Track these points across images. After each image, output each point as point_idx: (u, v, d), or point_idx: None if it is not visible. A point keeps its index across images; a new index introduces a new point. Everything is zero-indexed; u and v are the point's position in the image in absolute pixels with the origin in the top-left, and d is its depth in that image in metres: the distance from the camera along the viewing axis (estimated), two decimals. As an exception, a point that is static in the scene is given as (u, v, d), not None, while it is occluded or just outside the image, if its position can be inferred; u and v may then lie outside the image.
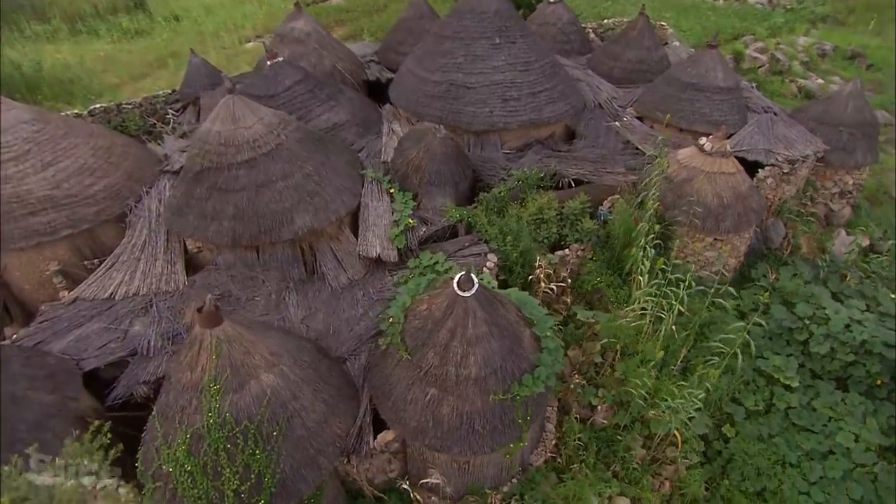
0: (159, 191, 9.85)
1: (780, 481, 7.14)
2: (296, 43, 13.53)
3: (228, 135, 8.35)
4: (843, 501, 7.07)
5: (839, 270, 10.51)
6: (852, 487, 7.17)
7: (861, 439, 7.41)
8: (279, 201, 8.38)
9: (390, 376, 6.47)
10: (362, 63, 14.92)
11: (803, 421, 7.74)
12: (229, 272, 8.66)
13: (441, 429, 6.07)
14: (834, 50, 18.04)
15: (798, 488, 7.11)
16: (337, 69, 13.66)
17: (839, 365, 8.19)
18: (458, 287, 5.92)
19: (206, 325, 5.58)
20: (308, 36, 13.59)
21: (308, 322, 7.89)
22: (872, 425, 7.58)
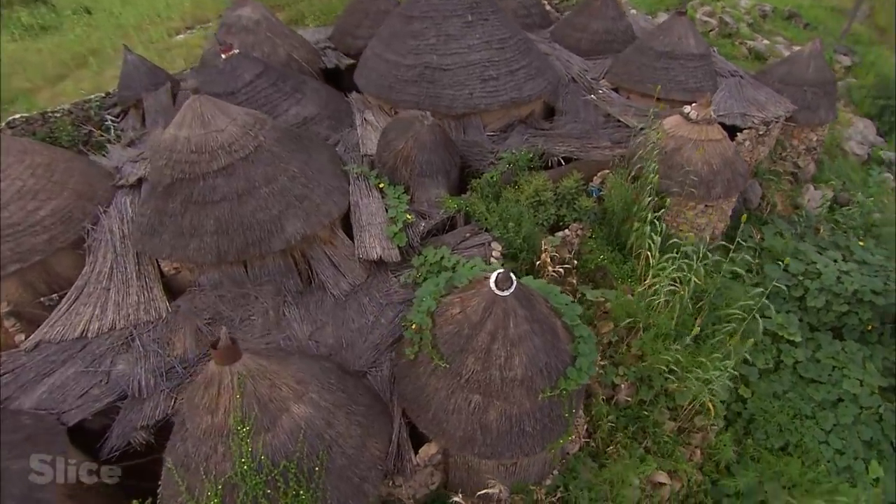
0: (119, 209, 8.77)
1: (800, 434, 7.45)
2: (245, 32, 12.39)
3: (199, 140, 7.46)
4: (856, 444, 7.47)
5: (812, 225, 11.04)
6: (862, 430, 7.60)
7: (865, 384, 7.86)
8: (265, 209, 7.63)
9: (425, 387, 6.08)
10: (317, 50, 13.95)
11: (811, 373, 8.09)
12: (216, 292, 7.86)
13: (490, 435, 5.77)
14: (773, 11, 18.82)
15: (817, 438, 7.45)
16: (293, 58, 12.68)
17: (834, 316, 8.61)
18: (495, 286, 5.58)
19: (225, 362, 4.95)
20: (257, 24, 12.48)
21: (317, 337, 7.30)
22: (872, 369, 8.05)
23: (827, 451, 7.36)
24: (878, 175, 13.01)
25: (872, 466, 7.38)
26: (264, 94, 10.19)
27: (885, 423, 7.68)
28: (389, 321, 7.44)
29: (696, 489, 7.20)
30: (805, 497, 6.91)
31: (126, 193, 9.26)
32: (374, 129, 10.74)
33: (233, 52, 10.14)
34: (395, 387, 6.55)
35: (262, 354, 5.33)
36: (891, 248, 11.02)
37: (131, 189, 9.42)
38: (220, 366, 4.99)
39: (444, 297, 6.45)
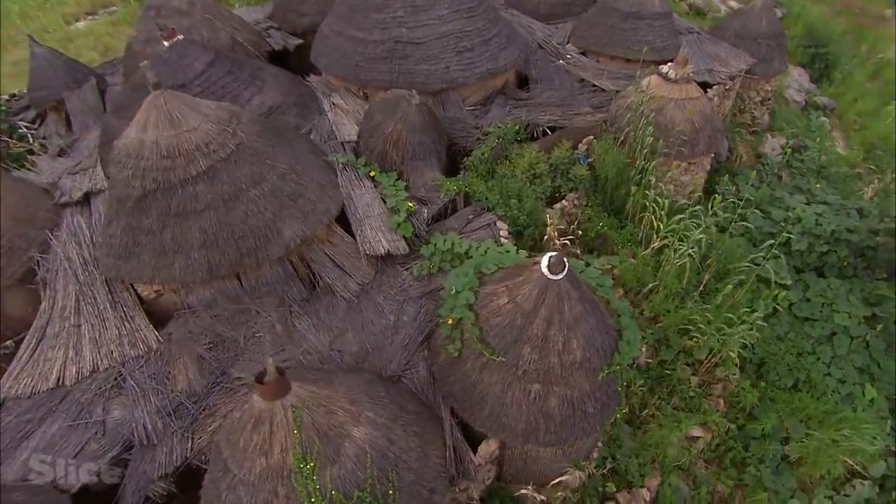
0: (73, 231, 7.55)
1: (806, 370, 7.96)
2: (178, 15, 10.93)
3: (170, 143, 6.47)
4: (852, 372, 8.11)
5: (775, 172, 11.70)
6: (855, 358, 8.26)
7: (852, 315, 8.50)
8: (258, 213, 6.83)
9: (477, 383, 5.78)
10: (259, 32, 12.66)
11: (804, 312, 8.65)
12: (211, 312, 7.02)
13: (553, 423, 5.61)
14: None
15: (821, 371, 8.00)
16: (238, 42, 11.41)
17: (816, 256, 9.21)
18: (549, 271, 5.32)
19: (274, 397, 4.36)
20: (191, 5, 11.04)
21: (338, 346, 6.74)
22: (855, 301, 8.73)
23: (830, 382, 7.95)
24: (817, 120, 14.00)
25: (868, 390, 8.07)
26: (220, 84, 9.07)
27: (872, 349, 8.40)
28: (412, 318, 7.01)
29: (726, 437, 7.53)
30: (821, 428, 7.44)
31: (76, 212, 8.02)
32: (346, 114, 9.97)
33: (177, 37, 8.87)
34: (438, 387, 6.19)
35: (309, 379, 4.77)
36: (840, 188, 11.97)
37: (79, 206, 8.17)
38: (268, 401, 4.40)
39: (479, 287, 6.12)
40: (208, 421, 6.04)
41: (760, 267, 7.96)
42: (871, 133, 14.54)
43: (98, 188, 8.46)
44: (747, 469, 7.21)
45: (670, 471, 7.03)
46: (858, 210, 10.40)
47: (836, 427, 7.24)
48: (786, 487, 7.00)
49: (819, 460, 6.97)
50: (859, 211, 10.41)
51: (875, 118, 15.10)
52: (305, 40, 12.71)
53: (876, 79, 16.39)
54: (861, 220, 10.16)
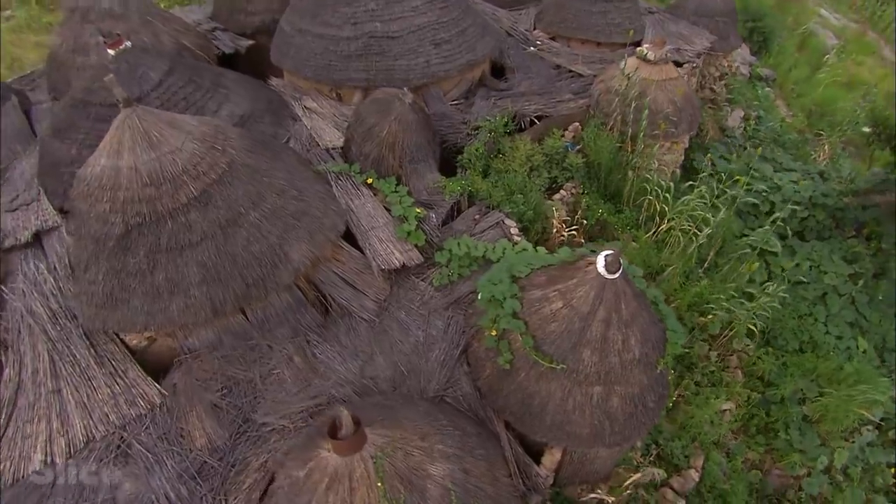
0: (31, 280, 6.43)
1: (808, 332, 8.39)
2: (111, 19, 9.60)
3: (152, 168, 5.60)
4: (845, 328, 8.65)
5: (741, 144, 12.25)
6: (846, 314, 8.82)
7: (838, 274, 9.04)
8: (261, 238, 6.12)
9: (536, 394, 5.51)
10: (204, 34, 11.49)
11: (796, 276, 9.08)
12: (217, 354, 6.25)
13: (617, 423, 5.46)
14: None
15: (820, 331, 8.44)
16: (184, 47, 10.26)
17: (797, 222, 9.70)
18: (606, 270, 5.11)
19: (353, 450, 3.86)
20: (126, 6, 9.75)
21: (370, 373, 6.21)
22: (837, 260, 9.30)
23: (830, 340, 8.43)
24: (762, 90, 14.82)
25: (860, 342, 8.65)
26: (182, 95, 8.05)
27: (857, 304, 9.00)
28: (442, 332, 6.60)
29: (749, 406, 7.77)
30: (831, 384, 7.86)
31: (29, 257, 6.86)
32: (323, 118, 9.26)
33: (124, 45, 7.76)
34: (488, 402, 5.87)
35: (379, 422, 4.28)
36: (795, 154, 12.74)
37: (31, 249, 7.01)
38: (346, 456, 3.89)
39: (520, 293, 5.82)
40: (241, 478, 5.36)
41: (752, 239, 8.24)
42: (807, 100, 15.64)
43: (50, 225, 7.32)
44: (777, 434, 7.48)
45: (709, 447, 7.15)
46: (820, 174, 11.10)
47: (846, 382, 7.66)
48: (812, 446, 7.33)
49: (838, 416, 7.35)
50: (821, 174, 11.10)
51: (808, 85, 16.25)
52: (257, 41, 11.72)
53: (803, 49, 17.66)
54: (824, 182, 10.85)
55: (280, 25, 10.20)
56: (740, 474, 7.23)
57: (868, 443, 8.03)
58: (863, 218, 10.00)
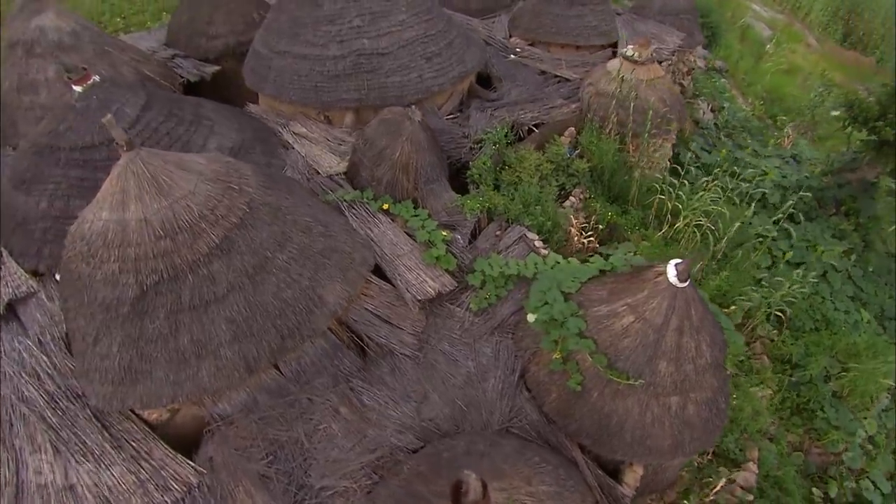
0: (16, 359, 5.50)
1: (820, 311, 8.69)
2: (61, 51, 8.62)
3: (165, 217, 4.91)
4: (848, 302, 9.05)
5: (715, 135, 12.73)
6: (846, 289, 9.24)
7: (834, 252, 9.48)
8: (292, 282, 5.53)
9: (612, 413, 5.27)
10: (164, 62, 10.59)
11: (796, 258, 9.44)
12: (253, 417, 5.57)
13: (695, 430, 5.32)
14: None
15: (829, 308, 8.78)
16: (148, 76, 9.37)
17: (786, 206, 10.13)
18: (678, 279, 4.97)
19: (481, 513, 3.44)
20: (76, 36, 8.78)
21: (428, 414, 5.74)
22: (830, 238, 9.76)
23: (839, 316, 8.78)
24: (720, 82, 15.56)
25: (863, 314, 9.07)
26: (164, 130, 7.25)
27: (854, 278, 9.47)
28: (492, 359, 6.24)
29: (781, 390, 7.93)
30: (851, 359, 8.17)
31: (6, 333, 5.88)
32: (316, 144, 8.70)
33: (92, 79, 6.88)
34: (559, 427, 5.57)
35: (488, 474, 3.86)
36: (763, 140, 13.41)
37: (4, 323, 6.02)
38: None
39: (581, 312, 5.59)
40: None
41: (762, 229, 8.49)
42: (758, 88, 16.59)
43: (24, 292, 6.34)
44: (813, 413, 7.65)
45: (756, 437, 7.19)
46: (794, 157, 11.68)
47: (865, 355, 7.97)
48: (847, 421, 7.55)
49: (867, 389, 7.62)
50: (794, 157, 11.69)
51: (755, 74, 17.27)
52: (223, 66, 10.94)
53: (744, 41, 18.78)
54: (798, 165, 11.43)
55: (254, 48, 9.53)
56: (787, 458, 7.33)
57: (883, 409, 8.41)
58: (840, 196, 10.58)
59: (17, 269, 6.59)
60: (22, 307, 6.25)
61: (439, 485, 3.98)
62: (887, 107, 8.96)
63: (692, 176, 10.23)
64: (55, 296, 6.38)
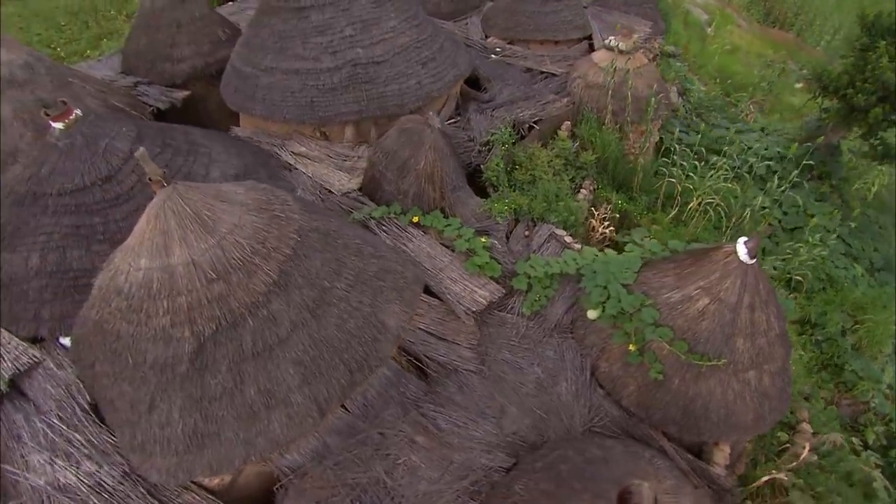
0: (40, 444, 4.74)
1: (824, 272, 9.18)
2: (14, 88, 7.64)
3: (215, 257, 4.38)
4: (842, 259, 9.63)
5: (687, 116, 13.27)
6: (839, 247, 9.84)
7: (822, 213, 10.07)
8: (354, 311, 5.11)
9: (696, 397, 5.27)
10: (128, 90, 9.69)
11: (790, 224, 9.97)
12: (327, 463, 5.10)
13: (773, 400, 5.43)
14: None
15: (830, 266, 9.30)
16: (116, 107, 8.52)
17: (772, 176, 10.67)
18: (749, 256, 5.03)
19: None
20: (31, 70, 7.83)
21: (511, 429, 5.49)
22: (814, 202, 10.36)
23: (840, 273, 9.33)
24: (676, 66, 16.28)
25: (857, 269, 9.69)
26: (162, 163, 6.51)
27: (842, 235, 10.09)
28: (557, 361, 6.09)
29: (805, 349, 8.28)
30: (860, 312, 8.68)
31: (15, 413, 5.07)
32: (319, 161, 8.23)
33: (74, 114, 6.10)
34: (643, 419, 5.50)
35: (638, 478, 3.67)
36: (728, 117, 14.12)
37: (11, 403, 5.21)
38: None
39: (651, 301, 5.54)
40: None
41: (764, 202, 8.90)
42: (709, 69, 17.52)
43: (26, 363, 5.51)
44: (839, 368, 8.04)
45: (798, 398, 7.46)
46: (762, 129, 12.36)
47: (873, 307, 8.49)
48: (872, 369, 8.00)
49: (883, 338, 8.10)
50: (763, 130, 12.37)
51: (704, 56, 18.22)
52: (192, 90, 10.17)
53: (687, 26, 19.80)
54: (768, 137, 12.10)
55: (233, 67, 8.89)
56: (824, 413, 7.65)
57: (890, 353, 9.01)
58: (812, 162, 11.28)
59: (12, 338, 5.72)
60: (27, 381, 5.43)
61: (583, 500, 3.75)
62: (854, 76, 9.64)
63: (685, 157, 10.56)
64: (65, 363, 5.60)
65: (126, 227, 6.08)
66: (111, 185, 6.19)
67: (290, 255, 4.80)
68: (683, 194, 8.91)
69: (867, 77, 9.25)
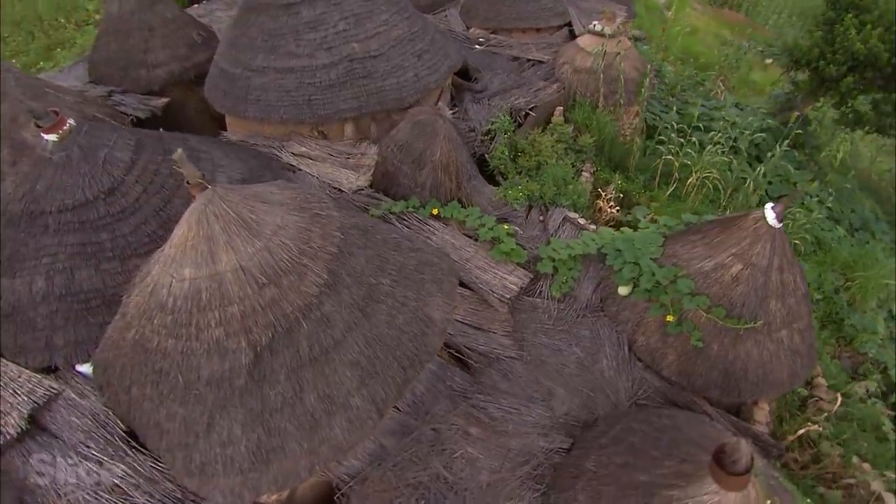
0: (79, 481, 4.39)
1: (812, 234, 9.64)
2: (-15, 102, 7.04)
3: (264, 261, 4.17)
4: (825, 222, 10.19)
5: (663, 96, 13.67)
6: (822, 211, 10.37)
7: (803, 181, 10.61)
8: (401, 306, 4.98)
9: (735, 360, 5.48)
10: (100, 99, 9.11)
11: (775, 192, 10.43)
12: (385, 467, 4.97)
13: (803, 357, 5.71)
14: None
15: (817, 229, 9.80)
16: (96, 118, 7.99)
17: (753, 146, 11.15)
18: (777, 220, 5.23)
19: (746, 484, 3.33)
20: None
21: (560, 410, 5.51)
22: (795, 170, 10.89)
23: (826, 234, 9.85)
24: (644, 48, 16.75)
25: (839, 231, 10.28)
26: (166, 171, 6.16)
27: (822, 199, 10.66)
28: (593, 339, 6.16)
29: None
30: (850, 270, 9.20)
31: (40, 447, 4.70)
32: (321, 161, 8.00)
33: (67, 124, 5.66)
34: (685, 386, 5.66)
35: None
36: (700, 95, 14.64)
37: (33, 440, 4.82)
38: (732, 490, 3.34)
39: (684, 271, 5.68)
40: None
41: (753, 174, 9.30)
42: (675, 50, 18.13)
43: (43, 396, 5.10)
44: (842, 324, 8.50)
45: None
46: (736, 105, 12.90)
47: (861, 264, 9.02)
48: (868, 322, 8.50)
49: (875, 292, 8.62)
50: (737, 105, 12.91)
51: (666, 39, 18.82)
52: (171, 97, 9.67)
53: (648, 10, 20.41)
54: (742, 111, 12.63)
55: (219, 69, 8.50)
56: (832, 366, 8.08)
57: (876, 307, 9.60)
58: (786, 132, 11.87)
59: (21, 371, 5.28)
60: (48, 416, 5.01)
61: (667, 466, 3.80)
62: (824, 49, 10.18)
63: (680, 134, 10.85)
64: (87, 391, 5.21)
65: (136, 242, 5.80)
66: (115, 198, 5.79)
67: (336, 254, 4.63)
68: (681, 170, 9.16)
69: (837, 49, 9.80)
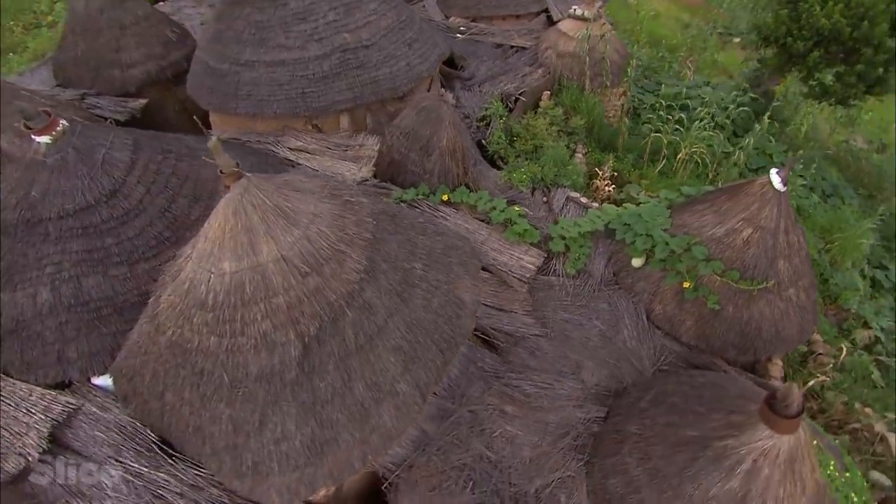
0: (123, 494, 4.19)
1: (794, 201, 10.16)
2: (-45, 108, 6.53)
3: (304, 250, 4.09)
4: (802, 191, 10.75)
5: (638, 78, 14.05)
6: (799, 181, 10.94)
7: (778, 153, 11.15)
8: (434, 290, 4.96)
9: (749, 320, 5.77)
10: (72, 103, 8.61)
11: (755, 165, 10.93)
12: (429, 452, 4.98)
13: (808, 313, 6.09)
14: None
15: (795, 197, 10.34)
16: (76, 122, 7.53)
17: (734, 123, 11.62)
18: (782, 184, 5.50)
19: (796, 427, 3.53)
20: (-30, 85, 6.71)
21: (592, 382, 5.63)
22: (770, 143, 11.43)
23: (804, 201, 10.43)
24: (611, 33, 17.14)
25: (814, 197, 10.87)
26: (168, 170, 5.91)
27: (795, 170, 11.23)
28: (611, 312, 6.32)
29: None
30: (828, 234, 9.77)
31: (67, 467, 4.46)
32: (319, 154, 7.86)
33: (60, 125, 5.34)
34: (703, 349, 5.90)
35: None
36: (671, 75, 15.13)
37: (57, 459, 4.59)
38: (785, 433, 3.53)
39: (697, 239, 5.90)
40: None
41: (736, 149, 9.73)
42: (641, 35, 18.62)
43: (61, 413, 4.83)
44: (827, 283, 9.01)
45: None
46: (707, 83, 13.40)
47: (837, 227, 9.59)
48: (850, 280, 9.05)
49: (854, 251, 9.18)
50: (708, 83, 13.41)
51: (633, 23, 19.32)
52: (149, 97, 9.24)
53: (612, -2, 20.89)
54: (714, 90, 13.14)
55: (204, 65, 8.18)
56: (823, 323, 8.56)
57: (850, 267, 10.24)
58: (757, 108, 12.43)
59: (32, 388, 4.98)
60: (69, 433, 4.75)
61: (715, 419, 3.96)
62: (790, 25, 10.70)
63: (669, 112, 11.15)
64: (107, 404, 4.97)
65: (143, 245, 5.57)
66: (118, 200, 5.51)
67: (371, 240, 4.58)
68: (668, 147, 9.46)
69: (803, 25, 10.32)
